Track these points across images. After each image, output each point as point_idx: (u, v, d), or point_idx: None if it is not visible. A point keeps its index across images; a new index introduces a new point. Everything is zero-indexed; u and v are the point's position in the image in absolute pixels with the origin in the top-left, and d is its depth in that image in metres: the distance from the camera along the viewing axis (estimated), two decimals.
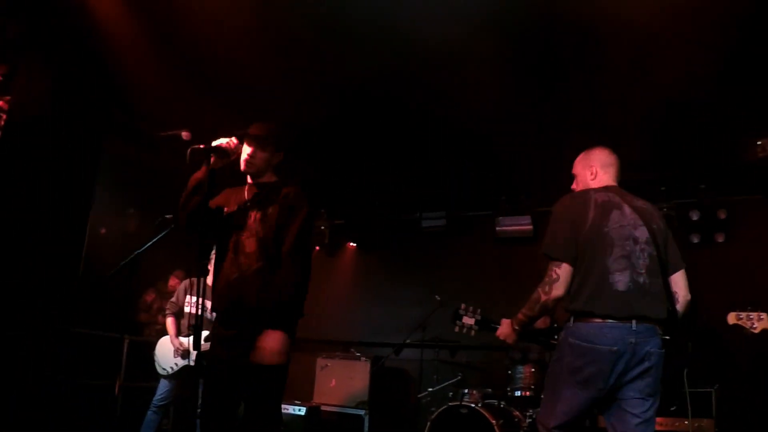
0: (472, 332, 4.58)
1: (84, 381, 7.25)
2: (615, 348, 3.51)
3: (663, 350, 3.59)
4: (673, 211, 7.56)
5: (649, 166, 6.97)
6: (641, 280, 3.64)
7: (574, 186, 4.13)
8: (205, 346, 6.03)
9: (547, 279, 3.72)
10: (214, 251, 6.52)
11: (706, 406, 5.66)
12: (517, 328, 3.98)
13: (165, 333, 6.70)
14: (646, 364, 3.55)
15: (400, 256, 8.71)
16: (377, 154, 7.85)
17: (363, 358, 8.15)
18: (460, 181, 8.10)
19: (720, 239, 7.40)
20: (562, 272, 3.69)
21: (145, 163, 8.20)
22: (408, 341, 7.53)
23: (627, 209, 3.78)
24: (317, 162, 8.12)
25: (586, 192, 3.88)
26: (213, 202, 4.11)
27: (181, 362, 6.53)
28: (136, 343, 7.74)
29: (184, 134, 7.21)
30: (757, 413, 6.24)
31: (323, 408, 8.22)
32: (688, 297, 3.83)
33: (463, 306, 4.64)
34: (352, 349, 8.17)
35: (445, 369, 7.39)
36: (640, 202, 3.88)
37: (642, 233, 3.74)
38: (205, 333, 6.15)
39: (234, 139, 3.96)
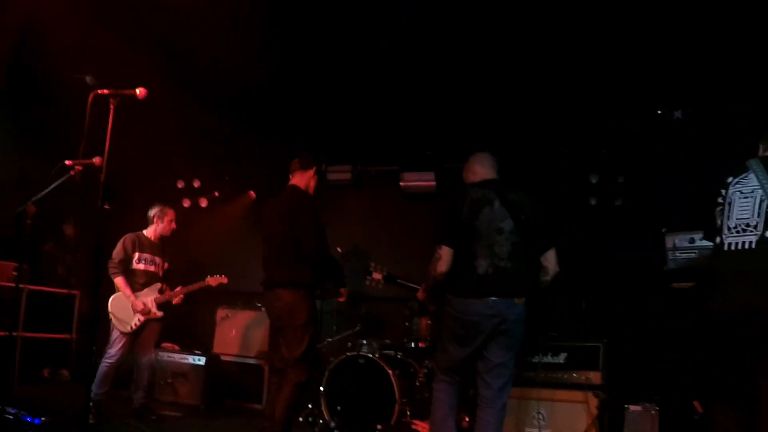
0: (380, 285, 5.20)
1: None
2: (476, 319, 4.44)
3: (521, 317, 4.52)
4: (573, 173, 7.79)
5: (552, 129, 7.32)
6: (502, 264, 4.46)
7: None
8: (160, 298, 6.75)
9: (434, 258, 4.57)
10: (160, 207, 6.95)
11: (594, 359, 5.90)
12: (425, 294, 5.28)
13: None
14: (503, 327, 4.46)
15: None
16: (283, 105, 7.83)
17: (263, 309, 7.83)
18: (366, 134, 8.12)
19: (617, 203, 7.61)
20: (444, 253, 4.52)
21: (48, 107, 7.89)
22: None
23: (497, 204, 4.54)
24: (224, 114, 8.07)
25: (466, 190, 4.68)
26: None
27: (143, 319, 6.67)
28: (35, 294, 7.59)
29: (89, 79, 7.10)
30: (640, 366, 6.59)
31: (223, 358, 8.23)
32: (557, 270, 4.62)
33: (372, 264, 5.66)
34: (254, 300, 8.14)
35: (344, 320, 7.51)
36: (515, 195, 4.62)
37: (507, 225, 4.51)
38: (157, 285, 6.80)
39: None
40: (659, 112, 6.80)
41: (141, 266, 6.78)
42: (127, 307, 6.65)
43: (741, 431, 3.74)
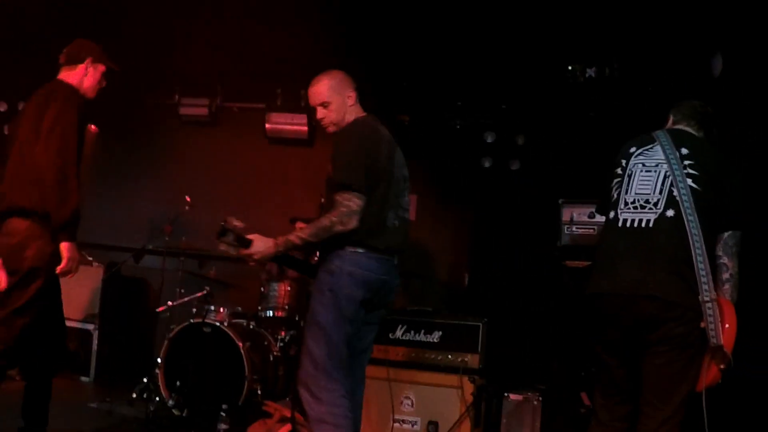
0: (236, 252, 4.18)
1: None
2: (385, 278, 3.78)
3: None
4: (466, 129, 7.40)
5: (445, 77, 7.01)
6: (405, 216, 3.96)
7: (327, 114, 4.01)
8: None
9: (344, 209, 3.64)
10: None
11: (473, 340, 5.59)
12: (281, 249, 3.81)
13: None
14: (392, 297, 3.98)
15: (150, 146, 8.02)
16: (135, 27, 6.90)
17: (95, 263, 7.41)
18: (231, 65, 7.46)
19: (514, 166, 7.22)
20: (362, 203, 3.68)
21: None
22: (150, 247, 7.05)
23: (399, 149, 3.99)
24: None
25: (375, 123, 3.96)
26: None
27: None
28: None
29: None
30: (525, 351, 6.51)
31: None
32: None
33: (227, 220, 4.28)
34: (83, 252, 7.16)
35: (190, 281, 6.85)
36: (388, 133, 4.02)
37: (406, 172, 4.02)
38: None
39: None
40: (570, 67, 6.49)
41: None
42: None
43: (623, 423, 3.51)
